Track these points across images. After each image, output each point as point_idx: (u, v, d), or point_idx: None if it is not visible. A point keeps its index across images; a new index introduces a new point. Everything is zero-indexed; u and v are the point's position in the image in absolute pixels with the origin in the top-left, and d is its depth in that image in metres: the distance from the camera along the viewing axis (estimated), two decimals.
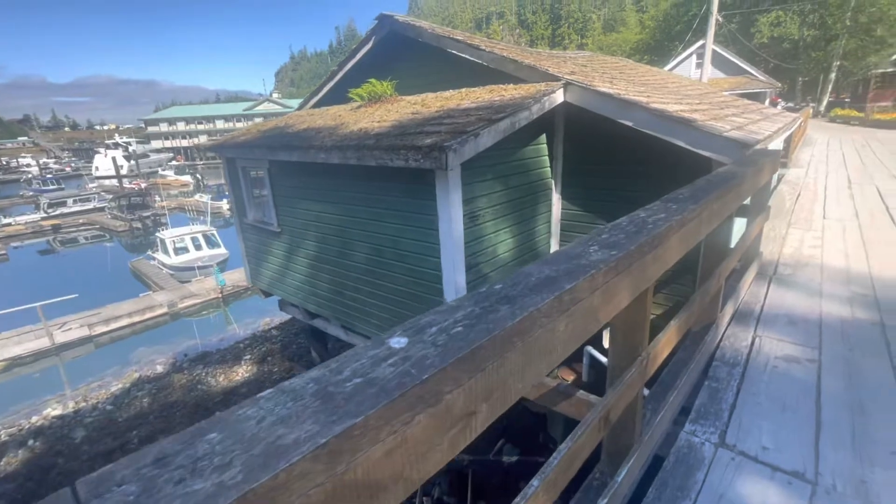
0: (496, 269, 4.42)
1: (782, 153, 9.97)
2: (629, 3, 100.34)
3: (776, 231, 5.03)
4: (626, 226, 1.44)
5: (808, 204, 6.24)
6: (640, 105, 3.80)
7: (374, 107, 5.38)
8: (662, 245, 1.42)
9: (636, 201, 4.71)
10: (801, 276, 3.73)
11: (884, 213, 5.56)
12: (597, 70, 7.00)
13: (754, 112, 6.08)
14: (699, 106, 5.20)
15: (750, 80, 25.62)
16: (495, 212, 4.26)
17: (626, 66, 9.35)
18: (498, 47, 5.13)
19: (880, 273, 3.71)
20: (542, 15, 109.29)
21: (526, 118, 3.79)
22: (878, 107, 26.47)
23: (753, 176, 2.64)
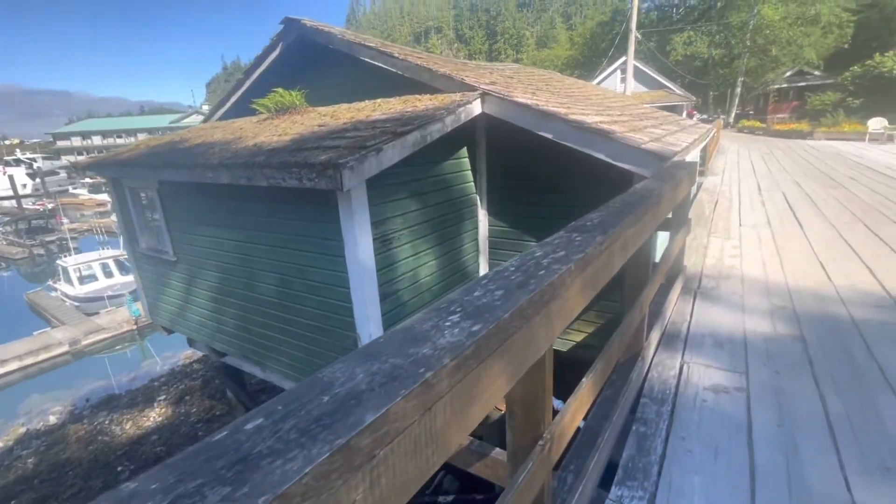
0: (418, 295, 4.03)
1: (700, 162, 10.50)
2: (559, 21, 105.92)
3: (698, 241, 5.06)
4: (511, 273, 1.09)
5: (725, 212, 6.45)
6: (558, 116, 3.61)
7: (281, 119, 4.86)
8: (559, 298, 1.09)
9: (565, 216, 4.54)
10: (724, 289, 3.67)
11: (792, 219, 5.82)
12: (522, 81, 6.90)
13: (672, 124, 6.22)
14: (619, 118, 5.17)
15: (668, 93, 27.51)
16: (413, 233, 3.88)
17: (553, 78, 9.45)
18: (413, 55, 4.81)
19: (795, 282, 3.72)
20: (479, 31, 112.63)
21: (439, 130, 3.46)
22: (777, 118, 29.43)
23: (672, 191, 2.46)
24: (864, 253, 4.34)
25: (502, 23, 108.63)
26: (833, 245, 4.64)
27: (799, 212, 6.20)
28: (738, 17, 31.74)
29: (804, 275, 3.89)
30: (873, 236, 4.88)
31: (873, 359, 2.52)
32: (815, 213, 6.07)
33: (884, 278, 3.72)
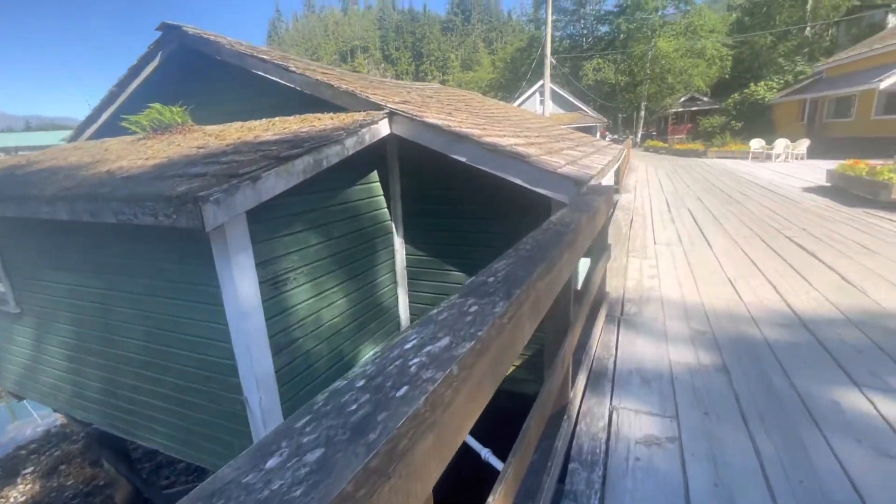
0: (324, 341, 3.51)
1: (615, 180, 11.02)
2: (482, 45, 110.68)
3: (618, 261, 5.06)
4: (353, 398, 0.68)
5: (641, 230, 6.64)
6: (471, 138, 3.34)
7: (158, 139, 4.15)
8: (428, 435, 0.70)
9: (487, 242, 4.27)
10: (647, 314, 3.57)
11: (699, 235, 6.09)
12: (442, 101, 6.70)
13: (588, 145, 6.33)
14: (537, 139, 5.09)
15: (583, 115, 29.36)
16: (314, 270, 3.38)
17: (474, 98, 9.44)
18: (311, 69, 4.36)
19: (711, 303, 3.73)
20: (405, 52, 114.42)
21: (338, 154, 3.03)
22: (676, 138, 32.56)
23: (590, 221, 2.23)
24: (765, 268, 4.54)
25: (427, 45, 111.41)
26: (738, 261, 4.83)
27: (705, 228, 6.53)
28: (639, 48, 34.96)
29: (717, 294, 3.93)
30: (769, 250, 5.18)
31: (793, 388, 2.45)
32: (719, 229, 6.43)
33: (785, 293, 3.85)
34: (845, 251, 4.99)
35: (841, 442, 2.02)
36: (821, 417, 2.19)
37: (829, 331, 3.12)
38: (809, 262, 4.65)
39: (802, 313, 3.43)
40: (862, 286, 3.92)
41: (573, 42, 46.96)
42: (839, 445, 1.99)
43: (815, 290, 3.91)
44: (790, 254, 5.00)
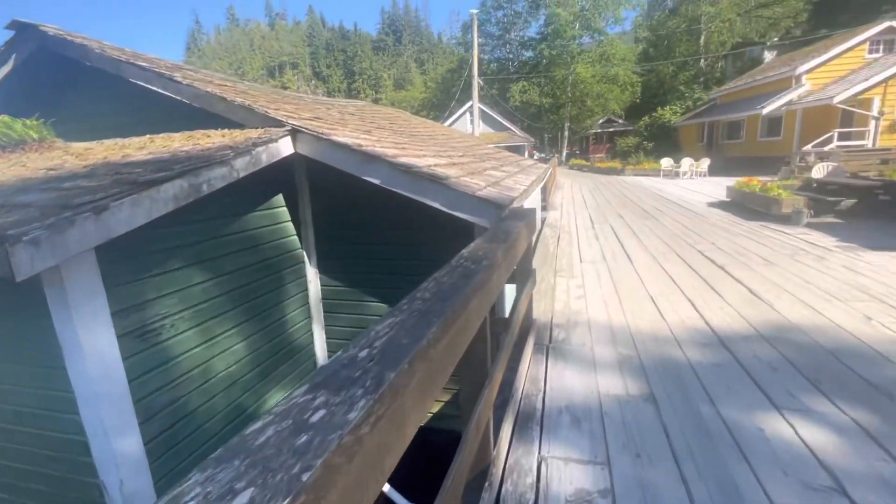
0: (217, 394, 2.98)
1: (542, 197, 11.29)
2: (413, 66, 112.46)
3: (546, 282, 4.98)
4: None
5: (567, 247, 6.71)
6: (383, 159, 3.05)
7: (6, 158, 3.41)
8: None
9: (408, 270, 3.93)
10: (575, 340, 3.44)
11: (622, 251, 6.25)
12: (365, 119, 6.39)
13: (512, 164, 6.31)
14: (461, 159, 4.92)
15: (512, 135, 30.44)
16: (201, 313, 2.87)
17: (400, 117, 9.23)
18: (205, 80, 3.86)
19: (635, 323, 3.70)
20: (337, 69, 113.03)
21: (224, 176, 2.59)
22: (597, 157, 34.78)
23: (509, 252, 2.01)
24: (682, 284, 4.67)
25: (360, 63, 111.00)
26: (658, 277, 4.94)
27: (626, 244, 6.74)
28: (560, 72, 37.18)
29: (641, 313, 3.92)
30: (685, 265, 5.39)
31: (720, 416, 2.37)
32: (638, 245, 6.65)
33: (702, 309, 3.93)
34: (749, 264, 5.30)
35: (769, 476, 1.92)
36: (749, 449, 2.10)
37: (745, 348, 3.16)
38: (720, 276, 4.86)
39: (719, 330, 3.48)
40: (768, 299, 4.11)
41: (500, 65, 49.03)
42: (768, 481, 1.90)
43: (728, 304, 4.03)
44: (703, 268, 5.22)
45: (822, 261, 5.29)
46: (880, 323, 3.47)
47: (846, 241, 6.27)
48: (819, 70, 19.49)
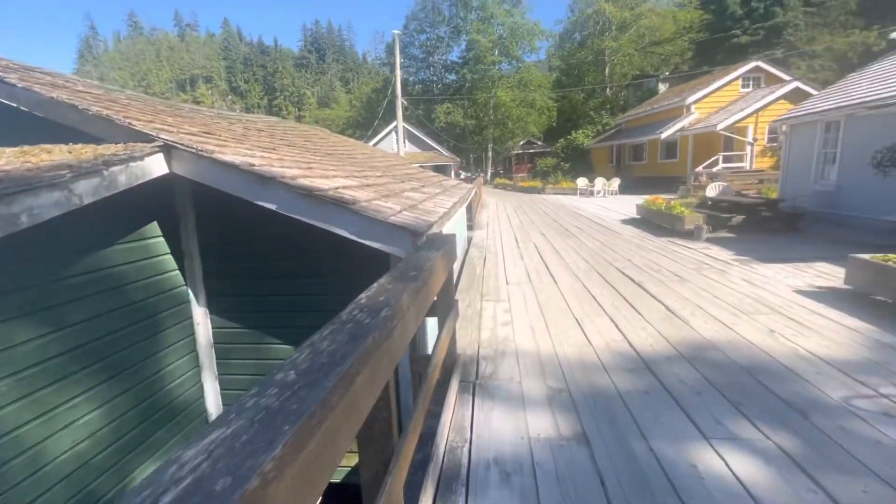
0: (54, 486, 2.29)
1: (468, 217, 11.26)
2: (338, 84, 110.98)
3: (473, 307, 4.76)
4: None
5: (494, 268, 6.60)
6: (279, 180, 2.62)
7: None
8: None
9: (318, 307, 3.44)
10: (503, 373, 3.20)
11: (546, 272, 6.25)
12: (275, 136, 5.85)
13: (435, 185, 6.11)
14: (378, 180, 4.59)
15: (438, 155, 30.79)
16: (32, 380, 2.20)
17: (317, 134, 8.71)
18: (49, 82, 3.17)
19: (563, 350, 3.56)
20: (256, 85, 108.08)
21: (60, 204, 2.02)
22: (520, 177, 36.28)
23: (420, 293, 1.70)
24: (605, 304, 4.68)
25: (281, 79, 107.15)
26: (582, 298, 4.93)
27: (550, 263, 6.78)
28: (483, 96, 38.57)
29: (567, 337, 3.81)
30: (606, 284, 5.47)
31: (653, 454, 2.22)
32: (562, 263, 6.73)
33: (626, 330, 3.92)
34: (663, 280, 5.52)
35: None
36: (685, 492, 1.95)
37: (669, 371, 3.12)
38: (639, 294, 4.97)
39: (643, 352, 3.44)
40: (683, 315, 4.22)
41: (425, 86, 49.87)
42: None
43: (648, 323, 4.07)
44: (622, 286, 5.33)
45: (724, 274, 5.65)
46: (782, 335, 3.66)
47: (741, 254, 6.83)
48: (704, 101, 22.05)
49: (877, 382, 2.83)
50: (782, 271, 5.69)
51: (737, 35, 37.68)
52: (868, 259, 4.31)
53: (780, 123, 11.33)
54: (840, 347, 3.38)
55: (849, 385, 2.82)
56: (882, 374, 2.93)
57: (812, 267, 5.84)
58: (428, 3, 46.75)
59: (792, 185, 10.86)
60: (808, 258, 6.31)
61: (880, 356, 3.21)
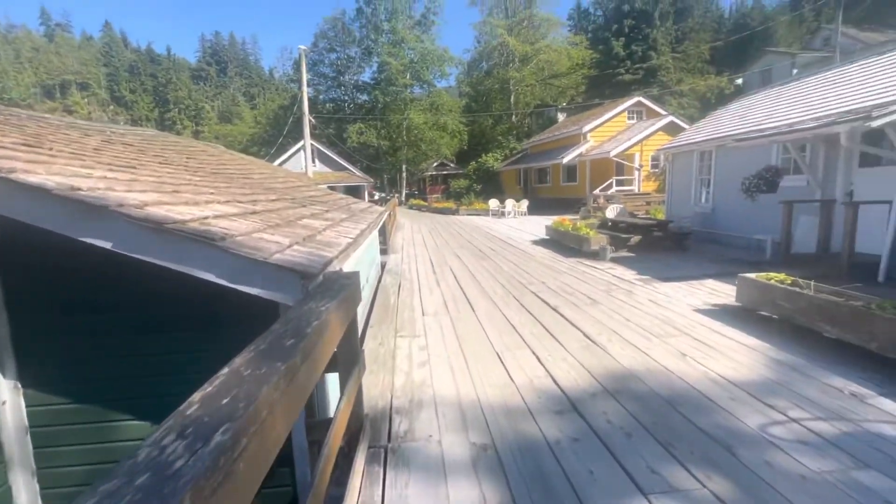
0: None
1: (382, 240, 10.76)
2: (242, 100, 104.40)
3: (385, 346, 4.27)
4: None
5: (409, 297, 6.18)
6: (114, 210, 1.96)
7: None
8: None
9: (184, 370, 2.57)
10: (420, 429, 2.76)
11: (463, 299, 5.98)
12: (146, 152, 4.93)
13: (342, 209, 5.57)
14: (273, 204, 3.97)
15: (351, 175, 29.91)
16: None
17: (207, 151, 7.69)
18: None
19: (485, 392, 3.22)
20: (144, 96, 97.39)
21: None
22: (434, 198, 36.61)
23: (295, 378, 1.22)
24: (525, 333, 4.49)
25: (175, 91, 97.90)
26: (501, 328, 4.70)
27: (467, 289, 6.54)
28: (396, 117, 38.64)
29: (490, 377, 3.49)
30: (523, 310, 5.33)
31: None
32: (478, 289, 6.52)
33: (548, 363, 3.72)
34: (578, 303, 5.53)
35: None
36: None
37: (595, 409, 2.92)
38: (556, 321, 4.87)
39: (568, 389, 3.23)
40: (601, 342, 4.15)
41: (337, 105, 48.76)
42: None
43: (569, 353, 3.92)
44: (539, 311, 5.22)
45: (631, 295, 5.83)
46: (693, 358, 3.70)
47: (642, 273, 7.21)
48: (598, 130, 24.19)
49: (784, 405, 2.88)
50: (680, 290, 6.03)
51: (621, 73, 42.46)
52: (754, 278, 4.65)
53: (663, 152, 12.59)
54: (744, 368, 3.48)
55: (761, 411, 2.83)
56: (787, 396, 3.01)
57: (703, 284, 6.28)
58: (338, 23, 46.22)
59: (676, 207, 12.04)
60: (697, 276, 6.82)
61: (780, 375, 3.34)
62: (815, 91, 8.68)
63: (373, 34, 41.54)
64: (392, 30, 39.34)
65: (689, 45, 43.03)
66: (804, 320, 3.99)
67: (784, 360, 3.61)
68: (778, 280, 4.49)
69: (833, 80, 8.70)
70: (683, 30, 43.83)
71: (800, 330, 4.06)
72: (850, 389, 3.08)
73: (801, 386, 3.15)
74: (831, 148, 7.30)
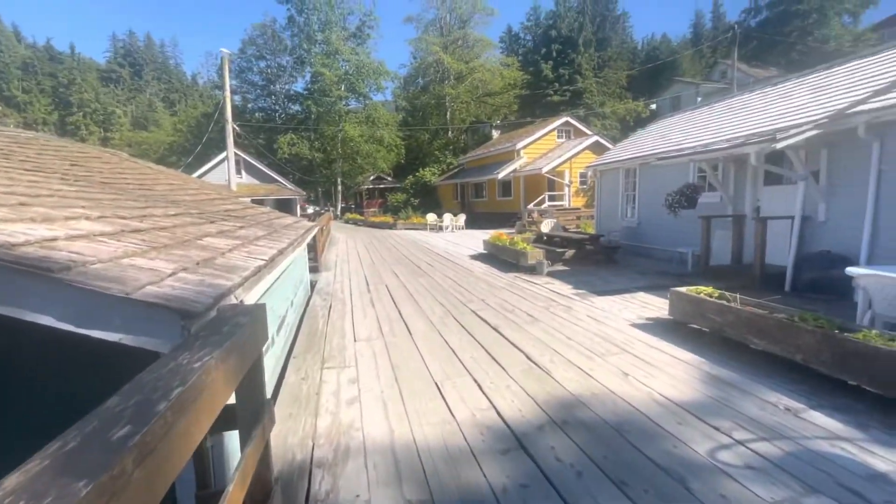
0: None
1: (311, 257, 10.07)
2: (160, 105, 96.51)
3: (310, 380, 3.76)
4: None
5: (340, 320, 5.66)
6: None
7: None
8: None
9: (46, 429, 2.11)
10: (346, 490, 2.32)
11: (399, 320, 5.59)
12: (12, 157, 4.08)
13: (261, 225, 4.97)
14: (169, 220, 3.35)
15: (281, 188, 28.40)
16: None
17: (101, 157, 6.67)
18: None
19: (423, 434, 2.85)
20: (41, 97, 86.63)
21: None
22: (371, 212, 35.88)
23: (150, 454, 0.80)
24: (465, 358, 4.19)
25: (80, 93, 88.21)
26: (440, 354, 4.37)
27: (404, 309, 6.15)
28: (331, 129, 37.59)
29: (428, 413, 3.13)
30: (463, 331, 5.05)
31: None
32: (416, 308, 6.16)
33: (490, 391, 3.44)
34: (518, 321, 5.35)
35: None
36: None
37: (543, 445, 2.66)
38: (497, 341, 4.64)
39: (513, 422, 2.96)
40: (544, 365, 3.95)
41: (268, 115, 46.54)
42: None
43: (511, 379, 3.67)
44: (480, 332, 4.97)
45: (570, 311, 5.78)
46: (635, 378, 3.61)
47: (578, 287, 7.26)
48: (531, 147, 25.05)
49: (729, 426, 2.81)
50: (615, 304, 6.09)
51: (550, 94, 44.75)
52: (685, 292, 4.75)
53: (592, 169, 13.15)
54: (685, 386, 3.43)
55: (708, 434, 2.73)
56: (729, 416, 2.95)
57: (635, 298, 6.42)
58: (267, 31, 44.39)
59: (605, 221, 12.56)
60: (629, 289, 6.98)
61: (719, 392, 3.31)
62: (724, 116, 9.47)
63: (305, 44, 40.34)
64: (326, 40, 38.45)
65: (608, 71, 46.47)
66: (733, 333, 4.08)
67: (720, 375, 3.62)
68: (707, 294, 4.61)
69: (738, 106, 9.54)
70: (604, 58, 47.33)
71: (729, 342, 4.15)
72: (784, 404, 3.11)
73: (740, 403, 3.13)
74: (740, 167, 7.92)
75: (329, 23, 38.94)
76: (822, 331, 3.32)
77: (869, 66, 7.15)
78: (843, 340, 3.16)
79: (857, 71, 7.21)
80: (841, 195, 6.22)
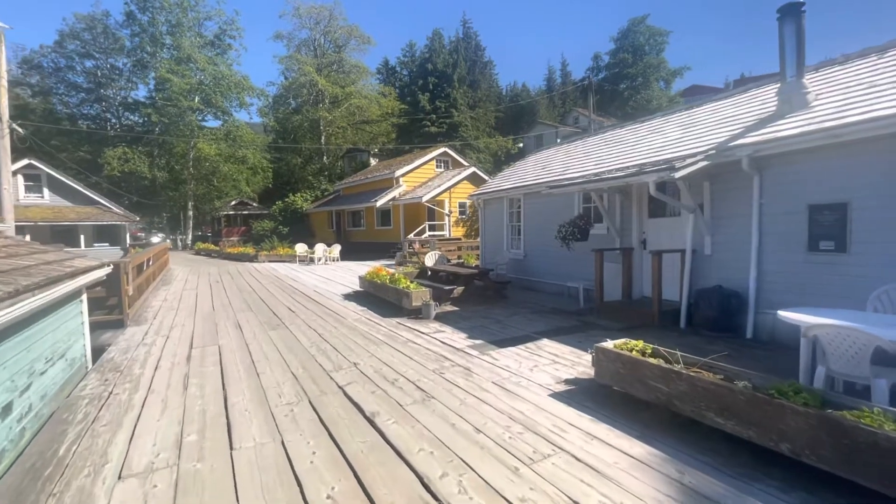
0: None
1: (119, 310, 7.20)
2: None
3: None
4: None
5: (108, 430, 3.41)
6: None
7: None
8: None
9: None
10: None
11: (221, 417, 3.57)
12: None
13: None
14: None
15: (104, 211, 22.84)
16: None
17: None
18: None
19: None
20: None
21: None
22: (229, 241, 31.24)
23: None
24: (321, 498, 2.45)
25: None
26: (277, 494, 2.55)
27: (233, 394, 4.12)
28: (181, 145, 32.23)
29: None
30: (321, 432, 3.30)
31: None
32: (254, 391, 4.19)
33: None
34: (403, 401, 3.79)
35: None
36: None
37: None
38: (374, 449, 2.99)
39: None
40: (446, 496, 2.43)
41: (98, 125, 38.33)
42: None
43: None
44: (347, 431, 3.27)
45: (470, 377, 4.42)
46: None
47: (473, 336, 6.02)
48: (410, 175, 24.26)
49: None
50: (521, 359, 4.93)
51: (427, 125, 45.47)
52: (613, 350, 3.74)
53: (476, 198, 12.50)
54: None
55: None
56: None
57: (541, 348, 5.37)
58: (97, 25, 37.05)
59: (490, 253, 11.87)
60: (530, 335, 5.97)
61: None
62: (602, 148, 9.48)
63: (149, 46, 34.49)
64: (176, 45, 33.37)
65: (479, 111, 49.29)
66: (686, 408, 3.11)
67: (695, 485, 2.52)
68: (639, 350, 3.65)
69: (612, 140, 9.67)
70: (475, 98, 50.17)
71: (681, 419, 3.17)
72: None
73: None
74: (626, 198, 7.70)
75: (179, 25, 34.00)
76: (816, 412, 2.43)
77: (724, 108, 7.53)
78: (853, 428, 2.29)
79: (718, 111, 7.55)
80: (725, 228, 6.11)
